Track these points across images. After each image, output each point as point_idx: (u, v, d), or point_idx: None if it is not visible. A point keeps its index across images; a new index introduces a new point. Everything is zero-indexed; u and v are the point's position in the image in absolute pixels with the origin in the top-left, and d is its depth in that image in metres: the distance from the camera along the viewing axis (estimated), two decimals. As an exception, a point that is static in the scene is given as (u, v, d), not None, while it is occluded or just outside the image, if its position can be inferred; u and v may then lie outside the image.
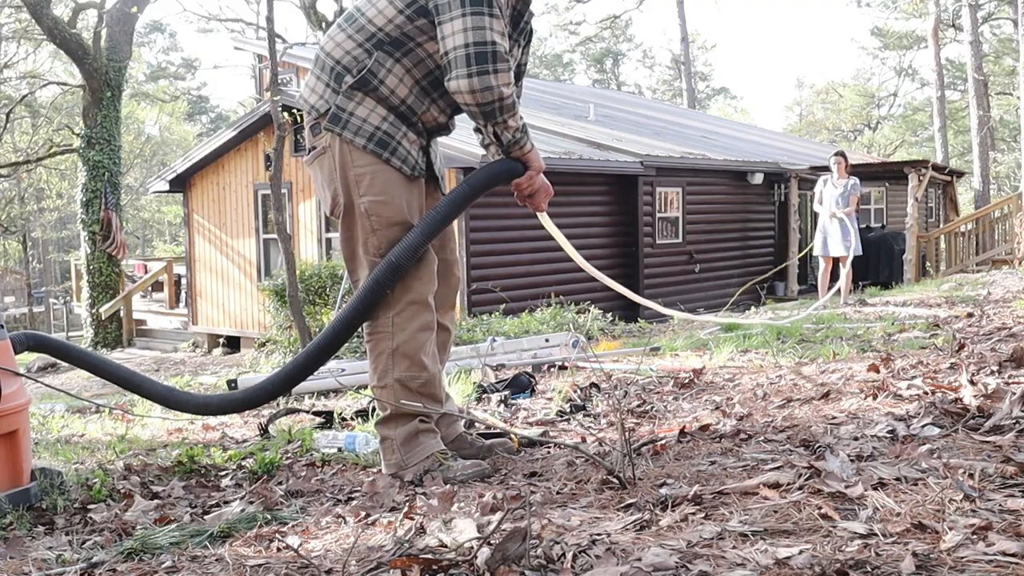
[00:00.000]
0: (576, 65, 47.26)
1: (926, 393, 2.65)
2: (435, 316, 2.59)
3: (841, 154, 9.17)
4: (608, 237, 13.11)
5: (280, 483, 2.66)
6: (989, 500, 1.56)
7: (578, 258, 2.99)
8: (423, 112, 2.56)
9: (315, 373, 2.70)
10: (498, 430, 2.96)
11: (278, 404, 4.62)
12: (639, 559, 1.40)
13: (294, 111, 11.44)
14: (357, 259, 2.58)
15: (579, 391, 3.71)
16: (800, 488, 1.75)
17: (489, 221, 11.47)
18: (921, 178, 14.40)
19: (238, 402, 2.70)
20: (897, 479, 1.75)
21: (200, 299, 15.05)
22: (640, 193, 13.13)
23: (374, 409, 3.07)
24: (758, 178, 15.31)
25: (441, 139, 2.81)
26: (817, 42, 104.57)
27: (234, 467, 3.09)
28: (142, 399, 2.84)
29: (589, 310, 8.95)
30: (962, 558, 1.32)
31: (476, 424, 3.01)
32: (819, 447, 2.12)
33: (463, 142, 9.44)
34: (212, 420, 4.49)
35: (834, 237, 8.96)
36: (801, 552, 1.38)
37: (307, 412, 4.03)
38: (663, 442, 2.49)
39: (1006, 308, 6.07)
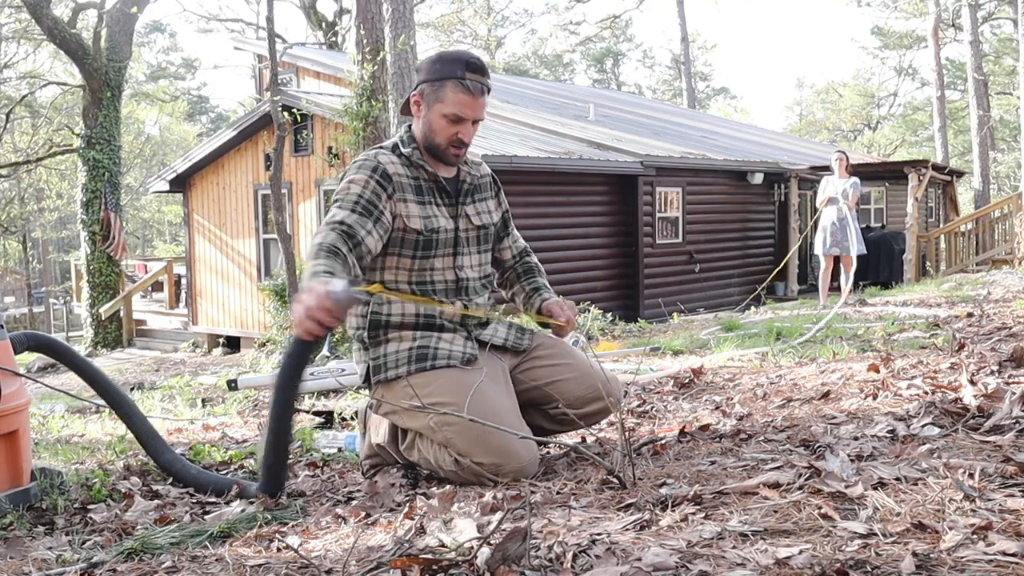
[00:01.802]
0: (576, 65, 47.24)
1: (926, 393, 2.65)
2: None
3: (842, 153, 9.19)
4: (608, 237, 13.11)
5: (280, 483, 2.66)
6: (989, 500, 1.56)
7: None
8: None
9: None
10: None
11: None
12: (639, 559, 1.40)
13: (294, 111, 11.45)
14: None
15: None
16: (800, 488, 1.75)
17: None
18: (921, 178, 14.39)
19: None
20: (897, 479, 1.75)
21: (200, 299, 15.05)
22: (640, 193, 13.12)
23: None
24: (758, 178, 15.31)
25: None
26: (817, 42, 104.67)
27: (235, 467, 3.09)
28: (142, 399, 2.84)
29: (589, 310, 8.95)
30: (962, 558, 1.32)
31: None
32: (819, 447, 2.12)
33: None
34: (212, 420, 4.50)
35: (835, 237, 8.97)
36: (801, 552, 1.38)
37: (307, 412, 4.03)
38: (663, 442, 2.49)
39: (1006, 308, 6.07)
